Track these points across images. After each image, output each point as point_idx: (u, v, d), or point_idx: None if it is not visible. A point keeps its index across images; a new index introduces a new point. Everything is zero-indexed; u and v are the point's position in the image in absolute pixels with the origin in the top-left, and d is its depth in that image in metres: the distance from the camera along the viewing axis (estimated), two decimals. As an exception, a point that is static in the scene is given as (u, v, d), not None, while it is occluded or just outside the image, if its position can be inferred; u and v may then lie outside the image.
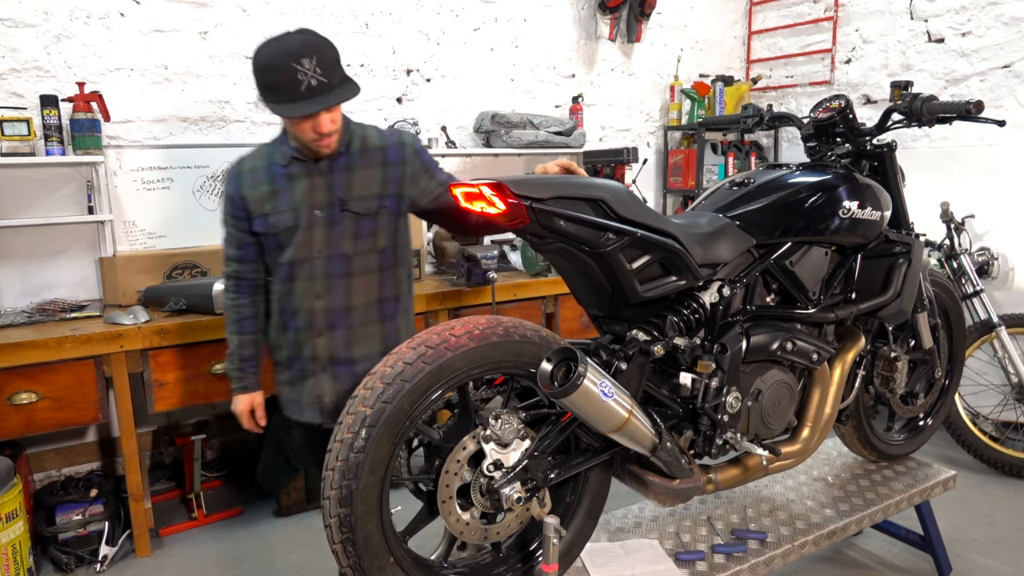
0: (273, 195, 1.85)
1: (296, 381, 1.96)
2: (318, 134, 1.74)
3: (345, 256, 1.86)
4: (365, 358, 1.91)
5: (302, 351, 1.91)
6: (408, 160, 1.92)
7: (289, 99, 1.66)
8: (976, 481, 3.32)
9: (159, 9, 3.20)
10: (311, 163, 1.83)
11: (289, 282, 1.88)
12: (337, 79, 1.69)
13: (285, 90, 1.66)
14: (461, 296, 3.15)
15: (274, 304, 1.96)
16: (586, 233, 1.55)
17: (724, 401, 1.76)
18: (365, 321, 1.90)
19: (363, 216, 1.85)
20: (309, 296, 1.86)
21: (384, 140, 1.92)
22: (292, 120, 1.71)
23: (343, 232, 1.85)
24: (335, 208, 1.84)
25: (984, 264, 3.70)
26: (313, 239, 1.84)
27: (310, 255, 1.84)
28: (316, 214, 1.83)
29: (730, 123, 2.45)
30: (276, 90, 1.67)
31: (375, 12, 3.71)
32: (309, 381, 1.93)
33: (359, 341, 1.90)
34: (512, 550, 1.71)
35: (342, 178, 1.85)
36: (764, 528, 2.09)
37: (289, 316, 1.91)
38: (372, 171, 1.87)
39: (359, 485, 1.40)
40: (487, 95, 4.14)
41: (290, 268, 1.86)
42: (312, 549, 2.83)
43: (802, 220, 1.89)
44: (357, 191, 1.85)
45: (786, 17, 4.87)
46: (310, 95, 1.66)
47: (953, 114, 1.99)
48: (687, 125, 4.67)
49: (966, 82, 4.00)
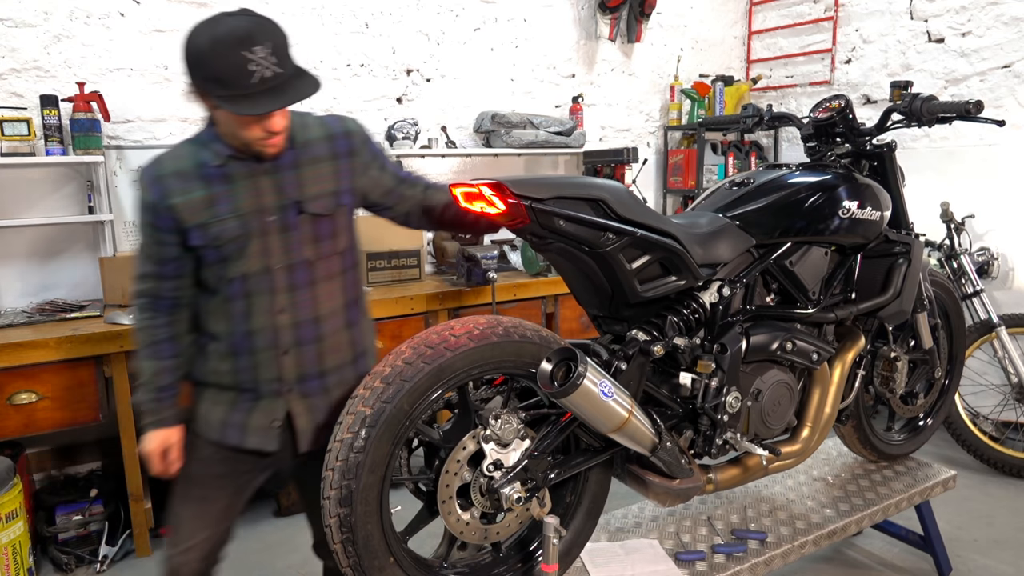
0: (211, 201, 1.56)
1: (244, 404, 1.66)
2: (268, 133, 1.50)
3: (307, 263, 1.63)
4: (336, 369, 1.70)
5: (261, 374, 1.63)
6: (357, 150, 1.70)
7: (240, 94, 1.41)
8: (976, 481, 3.32)
9: (159, 9, 3.20)
10: (252, 162, 1.57)
11: (244, 299, 1.60)
12: (291, 69, 1.46)
13: (234, 83, 1.40)
14: (461, 296, 3.15)
15: (215, 326, 1.64)
16: (586, 233, 1.55)
17: (724, 401, 1.76)
18: (335, 330, 1.69)
19: (322, 217, 1.64)
20: (270, 312, 1.60)
21: (329, 129, 1.67)
22: (238, 117, 1.46)
23: (302, 237, 1.62)
24: (290, 211, 1.59)
25: (984, 264, 3.70)
26: (269, 248, 1.59)
27: (268, 266, 1.59)
28: (269, 220, 1.58)
29: (730, 123, 2.45)
30: (223, 83, 1.40)
31: (375, 12, 3.71)
32: (264, 403, 1.65)
33: (330, 352, 1.68)
34: (512, 550, 1.71)
35: (292, 176, 1.60)
36: (764, 528, 2.09)
37: (243, 337, 1.61)
38: (322, 166, 1.65)
39: (359, 485, 1.40)
40: (487, 95, 4.14)
41: (244, 283, 1.59)
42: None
43: (802, 220, 1.89)
44: (311, 189, 1.62)
45: (786, 17, 4.87)
46: (264, 89, 1.41)
47: (953, 114, 1.99)
48: (687, 125, 4.67)
49: (966, 82, 4.00)
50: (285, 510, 3.12)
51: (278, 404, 1.65)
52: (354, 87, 3.69)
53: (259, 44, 1.40)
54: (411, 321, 3.04)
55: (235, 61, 1.39)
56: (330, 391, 1.68)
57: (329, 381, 1.68)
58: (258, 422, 1.65)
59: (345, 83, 3.67)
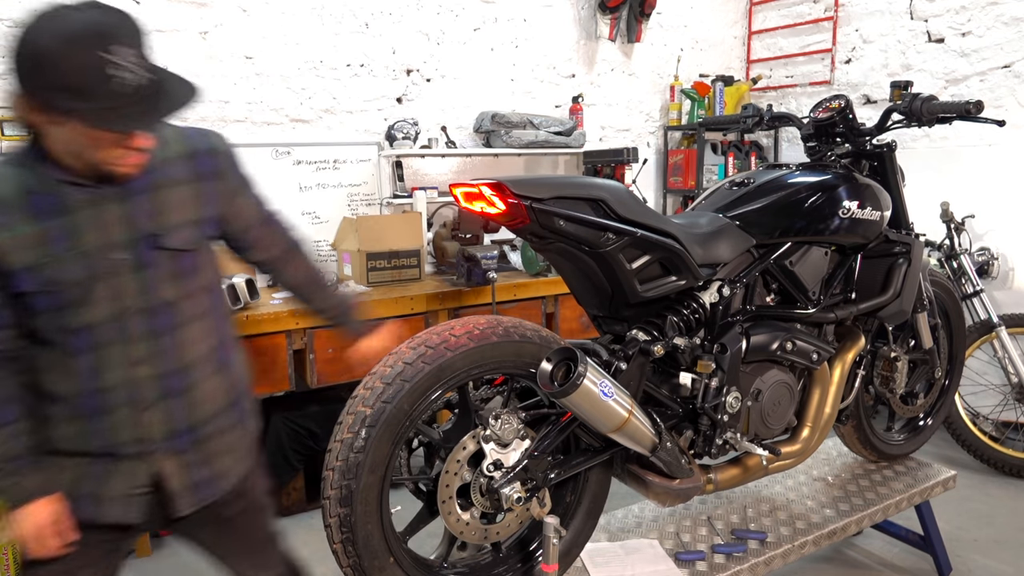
0: (42, 238, 1.26)
1: (98, 471, 1.38)
2: (130, 151, 1.23)
3: (169, 304, 1.36)
4: (211, 418, 1.46)
5: (118, 435, 1.36)
6: (223, 172, 1.45)
7: (103, 107, 1.14)
8: (976, 481, 3.32)
9: (159, 9, 3.20)
10: (92, 187, 1.27)
11: (92, 352, 1.32)
12: (158, 72, 1.21)
13: (93, 92, 1.12)
14: (461, 296, 3.15)
15: (55, 385, 1.35)
16: (586, 233, 1.55)
17: (724, 401, 1.76)
18: (206, 376, 1.44)
19: (183, 252, 1.37)
20: (126, 364, 1.33)
21: (191, 145, 1.40)
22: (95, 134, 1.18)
23: (160, 275, 1.35)
24: (143, 246, 1.32)
25: (984, 264, 3.70)
26: (121, 291, 1.31)
27: (121, 312, 1.32)
28: (118, 257, 1.30)
29: (730, 123, 2.45)
30: (78, 92, 1.12)
31: (375, 12, 3.71)
32: (123, 467, 1.38)
33: (203, 402, 1.43)
34: (512, 550, 1.71)
35: (145, 203, 1.32)
36: (764, 528, 2.09)
37: (93, 397, 1.34)
38: (182, 189, 1.37)
39: (359, 485, 1.40)
40: (487, 95, 4.14)
41: (91, 333, 1.31)
42: (312, 549, 2.83)
43: (802, 220, 1.89)
44: (169, 219, 1.34)
45: (786, 17, 4.87)
46: (133, 99, 1.15)
47: (953, 114, 1.99)
48: (687, 125, 4.67)
49: (966, 82, 4.00)
50: (285, 510, 3.12)
51: (141, 467, 1.39)
52: (354, 87, 3.69)
53: (121, 43, 1.14)
54: (411, 321, 3.04)
55: (93, 65, 1.11)
56: (205, 443, 1.45)
57: (203, 433, 1.44)
58: (117, 490, 1.38)
59: (345, 83, 3.67)
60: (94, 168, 1.24)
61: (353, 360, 1.72)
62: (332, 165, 3.61)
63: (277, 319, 2.74)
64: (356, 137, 3.70)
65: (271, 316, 2.72)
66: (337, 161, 3.62)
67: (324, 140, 3.60)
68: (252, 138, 3.43)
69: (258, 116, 3.47)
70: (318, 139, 3.59)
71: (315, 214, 3.58)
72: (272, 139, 3.47)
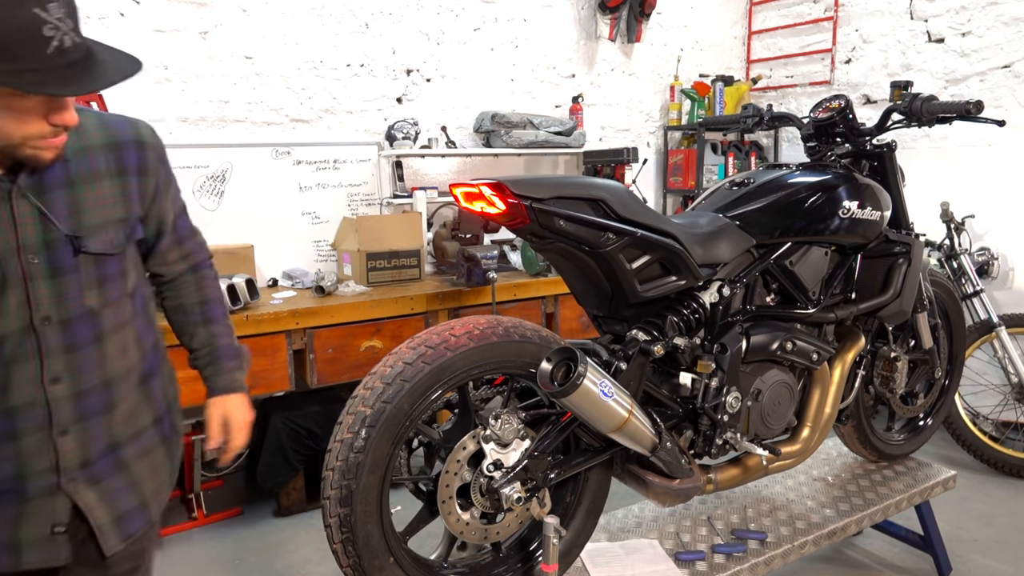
0: None
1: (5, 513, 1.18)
2: (55, 129, 1.06)
3: (91, 313, 1.20)
4: (135, 437, 1.28)
5: (26, 466, 1.17)
6: (151, 169, 1.27)
7: (32, 68, 0.97)
8: (976, 481, 3.32)
9: (159, 9, 3.20)
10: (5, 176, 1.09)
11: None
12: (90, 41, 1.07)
13: (23, 52, 0.96)
14: (461, 296, 3.15)
15: None
16: (586, 233, 1.55)
17: (724, 401, 1.76)
18: (129, 390, 1.27)
19: (107, 256, 1.21)
20: (38, 382, 1.16)
21: (114, 135, 1.23)
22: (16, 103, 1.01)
23: (81, 281, 1.18)
24: (61, 249, 1.15)
25: (984, 264, 3.70)
26: (34, 299, 1.14)
27: (31, 323, 1.14)
28: (30, 261, 1.13)
29: (730, 123, 2.45)
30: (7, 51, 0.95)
31: (375, 12, 3.71)
32: (35, 505, 1.18)
33: (125, 420, 1.27)
34: (512, 550, 1.71)
35: (62, 199, 1.15)
36: (764, 528, 2.09)
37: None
38: (104, 184, 1.20)
39: (359, 485, 1.40)
40: (487, 95, 4.14)
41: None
42: (312, 549, 2.83)
43: (802, 220, 1.89)
44: (90, 218, 1.18)
45: (786, 17, 4.87)
46: (65, 63, 1.00)
47: (953, 114, 1.99)
48: (687, 125, 4.67)
49: (966, 82, 4.00)
50: (285, 510, 3.12)
51: (57, 502, 1.19)
52: (354, 87, 3.69)
53: (53, 2, 0.98)
54: (411, 321, 3.04)
55: (25, 22, 0.95)
56: (130, 465, 1.27)
57: (126, 454, 1.27)
58: (32, 532, 1.19)
59: (345, 83, 3.67)
60: (6, 152, 1.06)
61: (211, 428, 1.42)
62: (332, 165, 3.61)
63: (277, 319, 2.74)
64: (356, 137, 3.71)
65: (271, 316, 2.72)
66: (337, 161, 3.62)
67: (324, 140, 3.60)
68: (252, 138, 3.43)
69: (258, 116, 3.47)
70: (318, 139, 3.59)
71: (315, 214, 3.59)
72: (272, 139, 3.47)
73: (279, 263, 3.47)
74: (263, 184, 3.43)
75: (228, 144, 3.36)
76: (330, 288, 3.02)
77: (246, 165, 3.39)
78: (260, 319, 2.70)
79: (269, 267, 3.44)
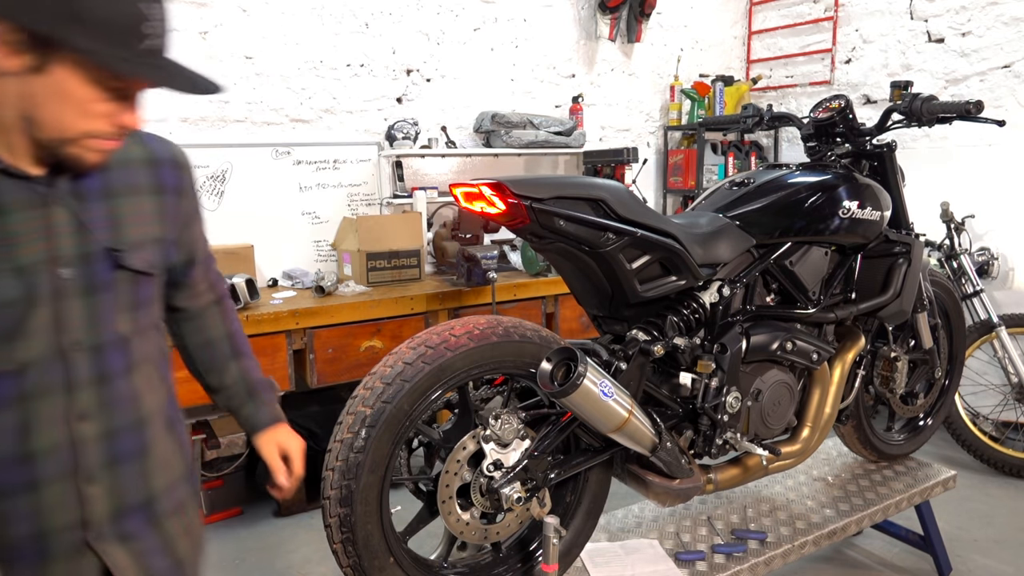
0: None
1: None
2: (118, 129, 0.98)
3: (123, 341, 1.07)
4: (168, 489, 1.15)
5: (50, 520, 1.02)
6: (187, 191, 1.19)
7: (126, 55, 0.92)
8: (976, 481, 3.32)
9: (159, 9, 3.20)
10: (36, 180, 0.98)
11: (19, 404, 0.99)
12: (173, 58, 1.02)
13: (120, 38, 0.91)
14: (461, 296, 3.15)
15: None
16: (586, 233, 1.55)
17: (724, 401, 1.76)
18: (160, 435, 1.14)
19: (144, 276, 1.09)
20: (65, 420, 1.01)
21: (151, 152, 1.14)
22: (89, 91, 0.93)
23: (115, 302, 1.06)
24: (99, 263, 1.03)
25: (984, 264, 3.70)
26: (64, 320, 1.01)
27: (60, 348, 1.01)
28: (62, 275, 1.00)
29: (730, 123, 2.45)
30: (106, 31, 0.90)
31: (375, 12, 3.71)
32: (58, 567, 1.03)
33: (159, 467, 1.13)
34: (512, 550, 1.72)
35: (101, 210, 1.04)
36: (764, 528, 2.09)
37: (16, 466, 1.00)
38: (143, 200, 1.10)
39: (359, 485, 1.40)
40: (487, 95, 4.14)
41: (19, 378, 0.99)
42: (312, 549, 2.83)
43: (802, 220, 1.89)
44: (130, 233, 1.07)
45: (786, 17, 4.87)
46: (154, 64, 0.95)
47: (953, 114, 1.99)
48: (687, 125, 4.67)
49: (966, 82, 4.00)
50: (285, 510, 3.12)
51: (84, 563, 1.04)
52: (354, 87, 3.69)
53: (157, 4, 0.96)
54: (411, 321, 3.04)
55: (129, 12, 0.92)
56: (163, 523, 1.13)
57: (160, 509, 1.13)
58: None
59: (345, 83, 3.67)
60: (50, 147, 0.96)
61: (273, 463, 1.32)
62: (332, 165, 3.61)
63: (277, 319, 2.74)
64: (356, 137, 3.71)
65: (271, 316, 2.72)
66: (337, 161, 3.62)
67: (324, 140, 3.60)
68: (252, 138, 3.43)
69: (258, 116, 3.47)
70: (318, 139, 3.59)
71: (315, 214, 3.59)
72: (272, 139, 3.47)
73: (279, 263, 3.47)
74: (263, 184, 3.43)
75: (228, 144, 3.36)
76: (330, 288, 3.02)
77: (246, 165, 3.39)
78: (260, 319, 2.70)
79: (269, 267, 3.44)
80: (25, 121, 0.93)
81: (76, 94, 0.92)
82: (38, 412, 1.00)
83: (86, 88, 0.92)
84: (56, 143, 0.95)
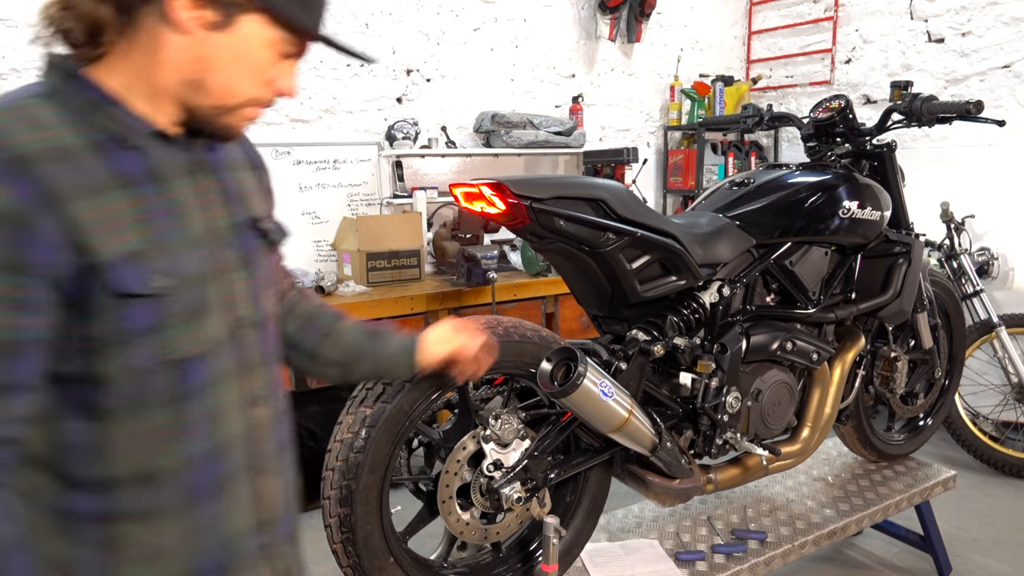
0: (142, 211, 0.82)
1: None
2: (277, 94, 0.92)
3: (271, 319, 1.00)
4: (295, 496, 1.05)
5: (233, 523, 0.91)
6: (265, 170, 1.13)
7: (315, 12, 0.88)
8: (976, 481, 3.32)
9: (159, 9, 3.20)
10: (187, 144, 0.90)
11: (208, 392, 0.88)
12: None
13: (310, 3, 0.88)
14: (461, 296, 3.15)
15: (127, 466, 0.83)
16: (586, 233, 1.55)
17: (724, 401, 1.76)
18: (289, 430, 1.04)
19: (273, 251, 1.04)
20: (243, 405, 0.92)
21: None
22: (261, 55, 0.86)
23: (264, 277, 0.98)
24: (247, 234, 0.96)
25: (984, 264, 3.70)
26: (233, 295, 0.92)
27: (232, 326, 0.91)
28: (226, 250, 0.92)
29: (730, 123, 2.45)
30: None
31: (375, 12, 3.71)
32: None
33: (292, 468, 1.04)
34: (512, 550, 1.72)
35: (231, 180, 0.97)
36: (764, 528, 2.09)
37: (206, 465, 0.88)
38: (248, 175, 1.03)
39: (359, 485, 1.41)
40: (487, 95, 4.14)
41: (206, 363, 0.87)
42: (312, 549, 2.83)
43: (802, 220, 1.89)
44: (255, 205, 1.00)
45: (786, 17, 4.87)
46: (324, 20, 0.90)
47: (953, 114, 1.99)
48: (687, 125, 4.67)
49: (966, 82, 4.00)
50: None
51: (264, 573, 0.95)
52: (354, 87, 3.69)
53: None
54: (411, 321, 3.04)
55: None
56: (294, 539, 1.04)
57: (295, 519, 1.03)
58: None
59: (345, 83, 3.67)
60: (213, 116, 0.88)
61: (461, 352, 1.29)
62: (332, 165, 3.61)
63: (277, 319, 2.74)
64: (356, 137, 3.70)
65: (271, 316, 2.72)
66: (337, 161, 3.62)
67: (324, 140, 3.60)
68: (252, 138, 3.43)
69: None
70: (318, 139, 3.59)
71: (315, 214, 3.58)
72: (272, 139, 3.47)
73: (279, 263, 3.47)
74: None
75: (228, 144, 3.36)
76: (330, 288, 3.02)
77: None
78: (260, 319, 2.70)
79: (269, 267, 3.44)
80: (188, 86, 0.84)
81: (254, 56, 0.85)
82: (222, 399, 0.89)
83: (264, 50, 0.86)
84: (217, 111, 0.87)
